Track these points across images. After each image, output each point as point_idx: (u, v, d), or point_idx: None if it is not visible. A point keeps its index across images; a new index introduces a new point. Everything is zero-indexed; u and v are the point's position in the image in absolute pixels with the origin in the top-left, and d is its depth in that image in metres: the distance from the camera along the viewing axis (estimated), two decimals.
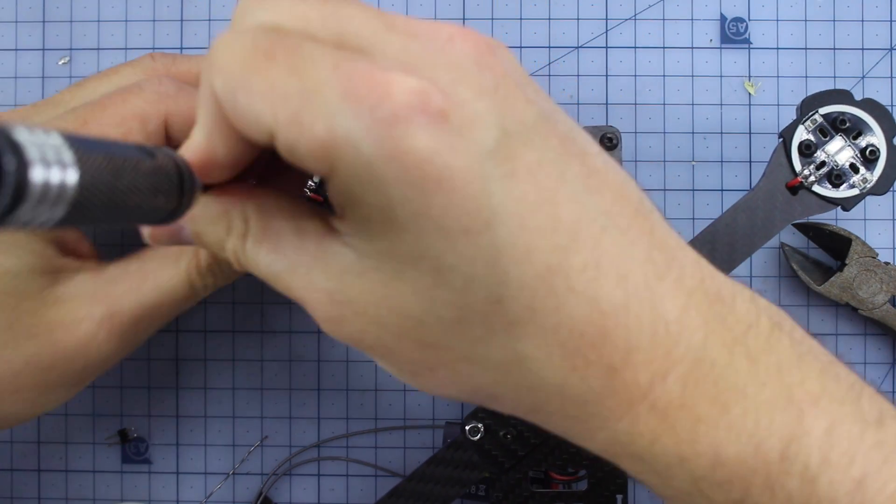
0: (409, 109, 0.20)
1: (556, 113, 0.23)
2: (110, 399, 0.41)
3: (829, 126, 0.35)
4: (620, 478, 0.35)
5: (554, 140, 0.22)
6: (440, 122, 0.20)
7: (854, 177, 0.34)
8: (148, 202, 0.20)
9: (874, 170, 0.34)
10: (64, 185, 0.16)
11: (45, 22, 0.42)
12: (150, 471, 0.41)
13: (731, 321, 0.23)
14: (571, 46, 0.42)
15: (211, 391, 0.41)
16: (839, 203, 0.34)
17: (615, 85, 0.41)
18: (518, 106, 0.21)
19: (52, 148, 0.16)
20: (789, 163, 0.35)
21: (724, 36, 0.41)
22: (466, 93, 0.21)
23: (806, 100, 0.35)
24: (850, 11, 0.41)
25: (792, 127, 0.35)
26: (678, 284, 0.23)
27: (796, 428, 0.23)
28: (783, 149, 0.35)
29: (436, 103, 0.20)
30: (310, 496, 0.41)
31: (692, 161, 0.41)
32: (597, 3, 0.42)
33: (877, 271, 0.39)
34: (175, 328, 0.41)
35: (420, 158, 0.20)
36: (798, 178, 0.34)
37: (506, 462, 0.35)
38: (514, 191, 0.21)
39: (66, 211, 0.16)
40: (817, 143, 0.35)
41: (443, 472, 0.35)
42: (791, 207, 0.34)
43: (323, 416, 0.41)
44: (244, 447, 0.41)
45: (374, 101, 0.20)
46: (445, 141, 0.20)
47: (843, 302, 0.39)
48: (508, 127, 0.21)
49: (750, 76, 0.41)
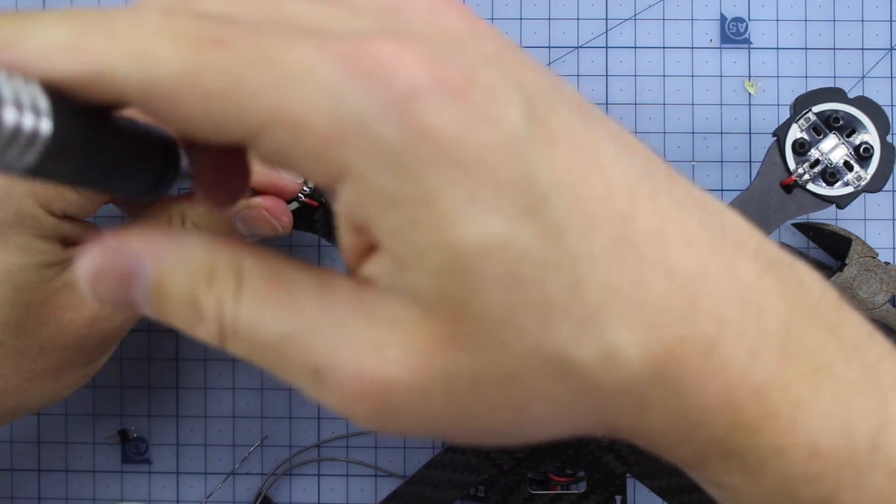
0: (428, 81, 0.16)
1: (559, 78, 0.20)
2: (110, 399, 0.41)
3: (822, 124, 0.35)
4: (619, 479, 0.35)
5: (573, 103, 0.19)
6: (464, 95, 0.17)
7: (848, 174, 0.34)
8: (129, 166, 0.19)
9: (868, 167, 0.34)
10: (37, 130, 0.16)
11: None
12: (150, 471, 0.41)
13: (803, 288, 0.21)
14: (571, 46, 0.42)
15: (211, 391, 0.41)
16: (833, 201, 0.34)
17: (615, 85, 0.41)
18: (527, 72, 0.19)
19: (28, 94, 0.16)
20: (783, 161, 0.35)
21: (724, 36, 0.41)
22: (474, 60, 0.18)
23: (799, 98, 0.35)
24: (850, 11, 0.41)
25: (785, 125, 0.35)
26: (741, 247, 0.20)
27: (884, 415, 0.20)
28: (777, 147, 0.35)
29: (453, 73, 0.17)
30: (310, 496, 0.41)
31: (692, 161, 0.41)
32: (597, 3, 0.42)
33: (877, 271, 0.39)
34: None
35: (453, 137, 0.17)
36: (792, 177, 0.34)
37: (504, 464, 0.35)
38: (557, 160, 0.18)
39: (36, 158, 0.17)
40: (811, 141, 0.35)
41: (441, 476, 0.35)
42: (786, 206, 0.34)
43: (323, 416, 0.41)
44: (244, 447, 0.41)
45: (385, 75, 0.16)
46: (473, 114, 0.17)
47: None
48: (529, 93, 0.18)
49: (750, 76, 0.41)
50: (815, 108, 0.35)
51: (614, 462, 0.34)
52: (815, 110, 0.35)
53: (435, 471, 0.35)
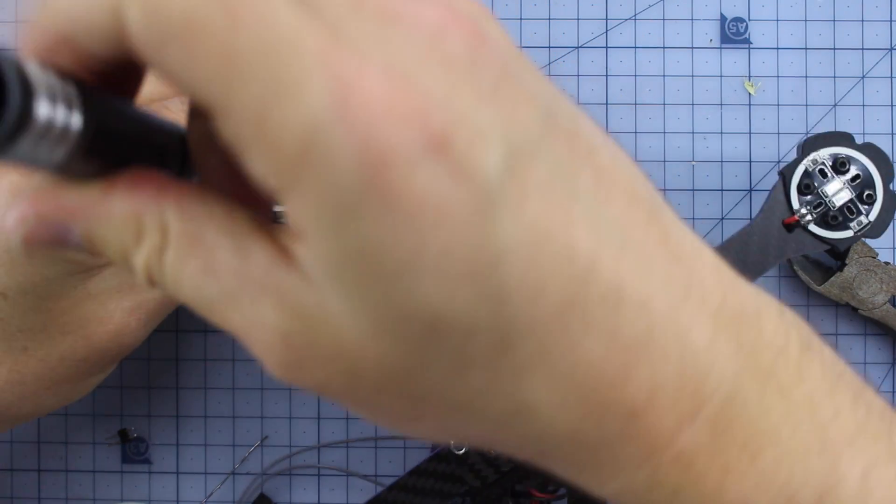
0: (408, 141, 0.16)
1: (557, 101, 0.20)
2: (110, 399, 0.41)
3: (829, 168, 0.35)
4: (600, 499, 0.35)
5: (561, 142, 0.19)
6: (442, 151, 0.16)
7: (850, 218, 0.35)
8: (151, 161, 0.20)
9: (871, 213, 0.35)
10: (68, 125, 0.16)
11: None
12: (150, 471, 0.41)
13: (760, 346, 0.20)
14: (571, 46, 0.42)
15: (211, 391, 0.41)
16: (833, 244, 0.35)
17: (615, 85, 0.41)
18: (521, 109, 0.18)
19: (60, 88, 0.16)
20: (787, 200, 0.35)
21: (724, 36, 0.41)
22: (466, 100, 0.17)
23: (808, 140, 0.35)
24: (850, 11, 0.41)
25: (792, 166, 0.35)
26: (702, 305, 0.20)
27: (831, 475, 0.20)
28: (782, 186, 0.35)
29: (436, 125, 0.16)
30: (310, 496, 0.41)
31: (692, 161, 0.41)
32: (597, 3, 0.42)
33: (877, 271, 0.39)
34: (175, 328, 0.41)
35: (418, 198, 0.16)
36: (795, 217, 0.34)
37: (489, 476, 0.35)
38: (523, 218, 0.17)
39: (66, 153, 0.17)
40: (816, 183, 0.35)
41: (424, 484, 0.35)
42: (785, 244, 0.35)
43: (323, 417, 0.41)
44: (244, 447, 0.41)
45: (369, 123, 0.16)
46: (446, 171, 0.16)
47: (843, 302, 0.39)
48: (514, 138, 0.18)
49: (750, 76, 0.41)
50: (823, 151, 0.35)
51: None
52: (823, 153, 0.35)
53: (418, 478, 0.35)
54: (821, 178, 0.35)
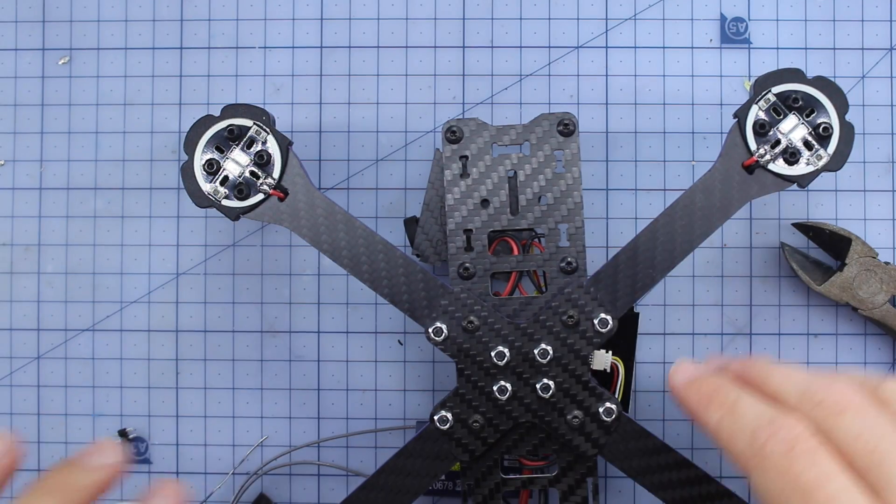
0: None
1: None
2: (110, 399, 0.41)
3: (782, 105, 0.35)
4: (590, 461, 0.35)
5: None
6: None
7: (808, 154, 0.34)
8: None
9: (828, 146, 0.35)
10: None
11: (45, 22, 0.42)
12: (150, 471, 0.41)
13: None
14: (571, 46, 0.42)
15: (211, 391, 0.41)
16: (795, 180, 0.34)
17: (615, 85, 0.41)
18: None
19: None
20: (745, 142, 0.35)
21: (724, 36, 0.41)
22: None
23: (759, 79, 0.35)
24: (850, 11, 0.41)
25: (745, 107, 0.35)
26: None
27: None
28: (738, 129, 0.35)
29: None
30: (310, 496, 0.41)
31: (692, 161, 0.41)
32: (597, 3, 0.42)
33: (877, 271, 0.39)
34: (175, 328, 0.41)
35: None
36: (754, 157, 0.34)
37: (476, 449, 0.35)
38: None
39: None
40: (771, 122, 0.35)
41: (413, 464, 0.35)
42: (748, 186, 0.35)
43: (323, 416, 0.41)
44: (244, 447, 0.41)
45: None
46: None
47: (843, 302, 0.39)
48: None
49: (750, 76, 0.41)
50: (775, 89, 0.35)
51: (585, 444, 0.34)
52: (775, 91, 0.35)
53: (406, 460, 0.35)
54: (775, 116, 0.35)
